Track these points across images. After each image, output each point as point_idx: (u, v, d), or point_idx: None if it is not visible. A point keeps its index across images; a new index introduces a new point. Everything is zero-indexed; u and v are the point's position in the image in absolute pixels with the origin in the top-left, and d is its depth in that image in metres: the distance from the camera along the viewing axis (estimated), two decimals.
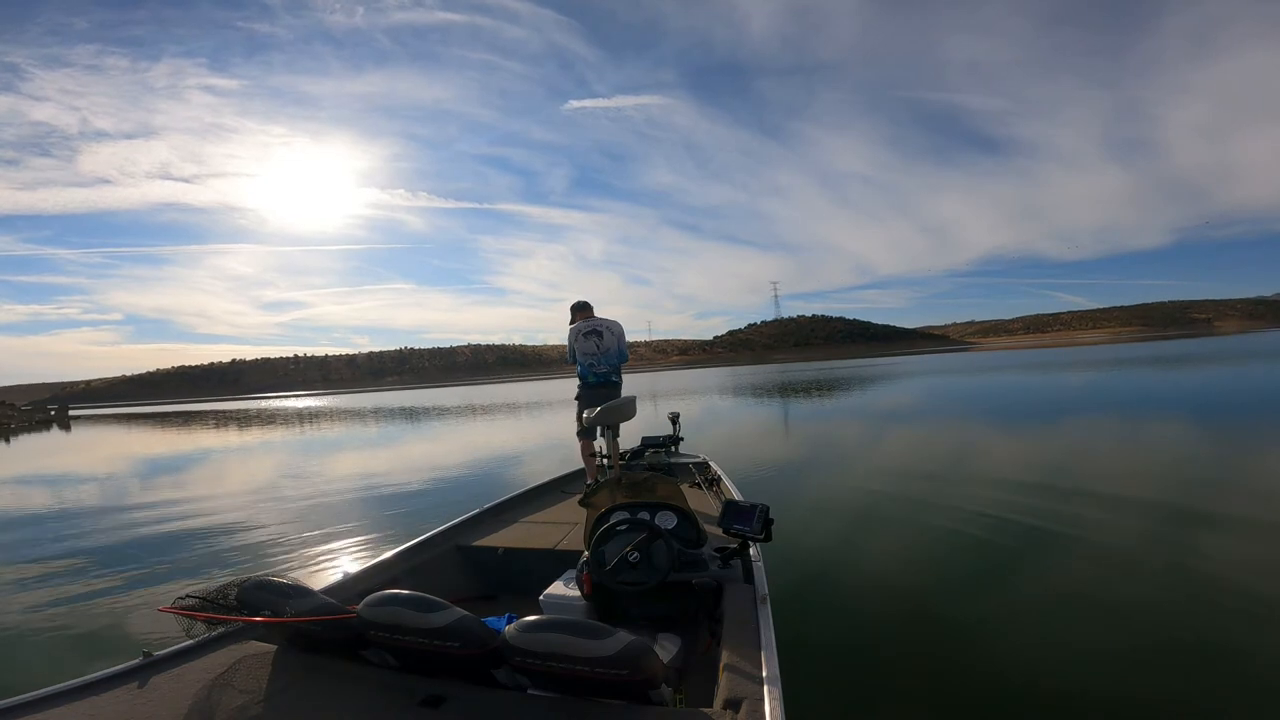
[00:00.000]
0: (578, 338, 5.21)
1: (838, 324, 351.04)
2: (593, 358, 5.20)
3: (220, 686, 1.85)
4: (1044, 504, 6.44)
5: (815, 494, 7.83)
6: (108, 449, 22.39)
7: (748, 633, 2.12)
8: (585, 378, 5.27)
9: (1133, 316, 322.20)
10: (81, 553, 6.81)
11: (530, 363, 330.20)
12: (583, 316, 5.33)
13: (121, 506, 9.68)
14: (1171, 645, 3.44)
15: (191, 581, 5.39)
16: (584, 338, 5.18)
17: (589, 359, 5.21)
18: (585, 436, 5.17)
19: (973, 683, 3.20)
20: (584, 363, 5.23)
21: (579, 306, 5.39)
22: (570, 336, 5.27)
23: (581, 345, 5.20)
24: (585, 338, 5.18)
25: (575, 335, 5.23)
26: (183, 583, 5.40)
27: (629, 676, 1.67)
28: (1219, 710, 2.87)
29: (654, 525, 2.71)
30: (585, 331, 5.19)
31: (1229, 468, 7.81)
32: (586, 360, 5.21)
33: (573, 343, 5.25)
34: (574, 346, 5.24)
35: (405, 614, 1.83)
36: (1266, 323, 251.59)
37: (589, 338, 5.19)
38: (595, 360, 5.22)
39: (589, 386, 5.25)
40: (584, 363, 5.23)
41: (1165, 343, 78.02)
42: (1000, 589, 4.44)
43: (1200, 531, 5.33)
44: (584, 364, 5.24)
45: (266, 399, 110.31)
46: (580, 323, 5.28)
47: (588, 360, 5.21)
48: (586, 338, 5.18)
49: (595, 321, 5.26)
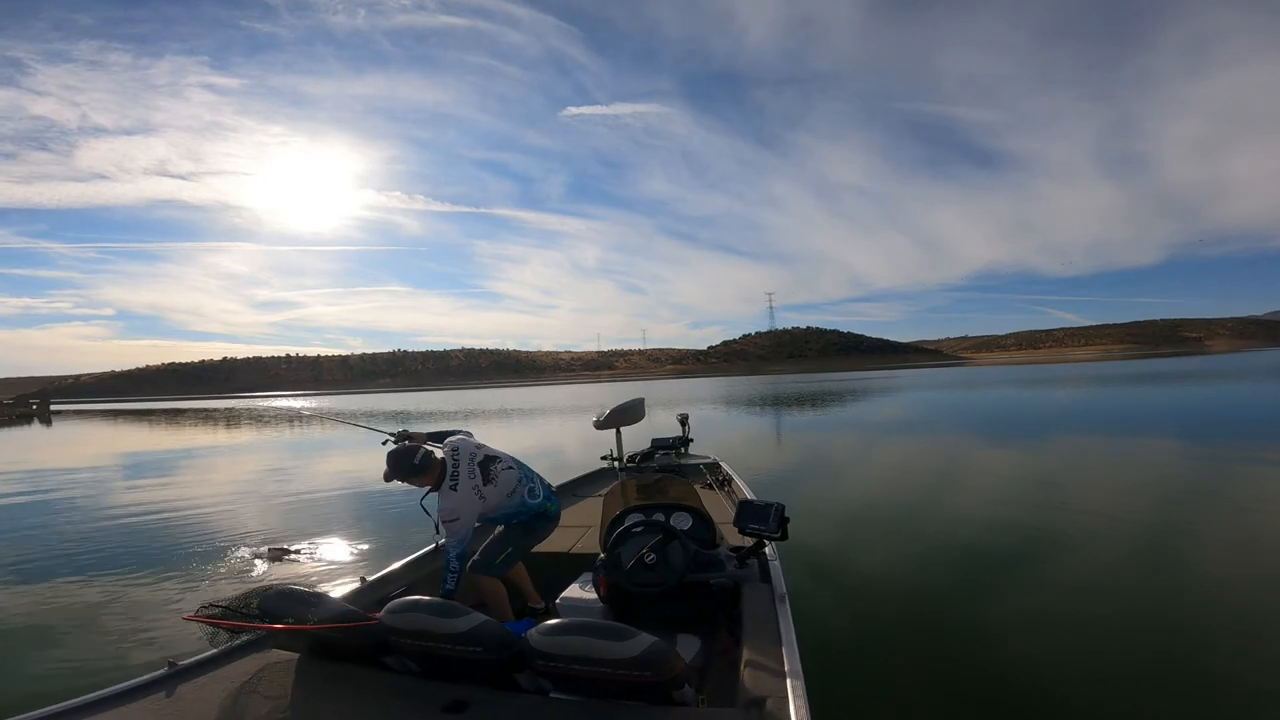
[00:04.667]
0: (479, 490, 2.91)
1: (832, 336, 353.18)
2: (523, 484, 3.11)
3: (244, 695, 1.86)
4: (1050, 510, 6.50)
5: (827, 496, 7.90)
6: (84, 447, 22.12)
7: (768, 631, 2.12)
8: (541, 511, 3.17)
9: (1124, 334, 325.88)
10: (78, 556, 6.69)
11: (524, 368, 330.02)
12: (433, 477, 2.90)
13: (113, 505, 9.54)
14: (1169, 648, 3.46)
15: (195, 587, 5.30)
16: (484, 480, 2.95)
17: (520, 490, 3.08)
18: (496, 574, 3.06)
19: (994, 678, 3.21)
20: (521, 499, 3.08)
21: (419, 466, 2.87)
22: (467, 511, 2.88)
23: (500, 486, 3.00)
24: (486, 475, 2.97)
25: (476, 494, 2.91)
26: (192, 590, 5.30)
27: (652, 677, 1.67)
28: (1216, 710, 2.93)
29: (669, 526, 2.69)
30: (480, 462, 2.99)
31: (1214, 481, 7.94)
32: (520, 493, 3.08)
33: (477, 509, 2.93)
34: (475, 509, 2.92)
35: (428, 620, 1.84)
36: (1257, 342, 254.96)
37: (491, 468, 3.00)
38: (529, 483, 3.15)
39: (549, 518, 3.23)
40: (521, 499, 3.08)
41: (1155, 361, 79.05)
42: (1018, 587, 4.50)
43: (1198, 541, 5.40)
44: (523, 501, 3.09)
45: (256, 398, 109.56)
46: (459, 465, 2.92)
47: (520, 492, 3.08)
48: (487, 472, 2.98)
49: (459, 450, 2.99)
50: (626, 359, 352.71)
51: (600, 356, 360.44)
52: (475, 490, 2.90)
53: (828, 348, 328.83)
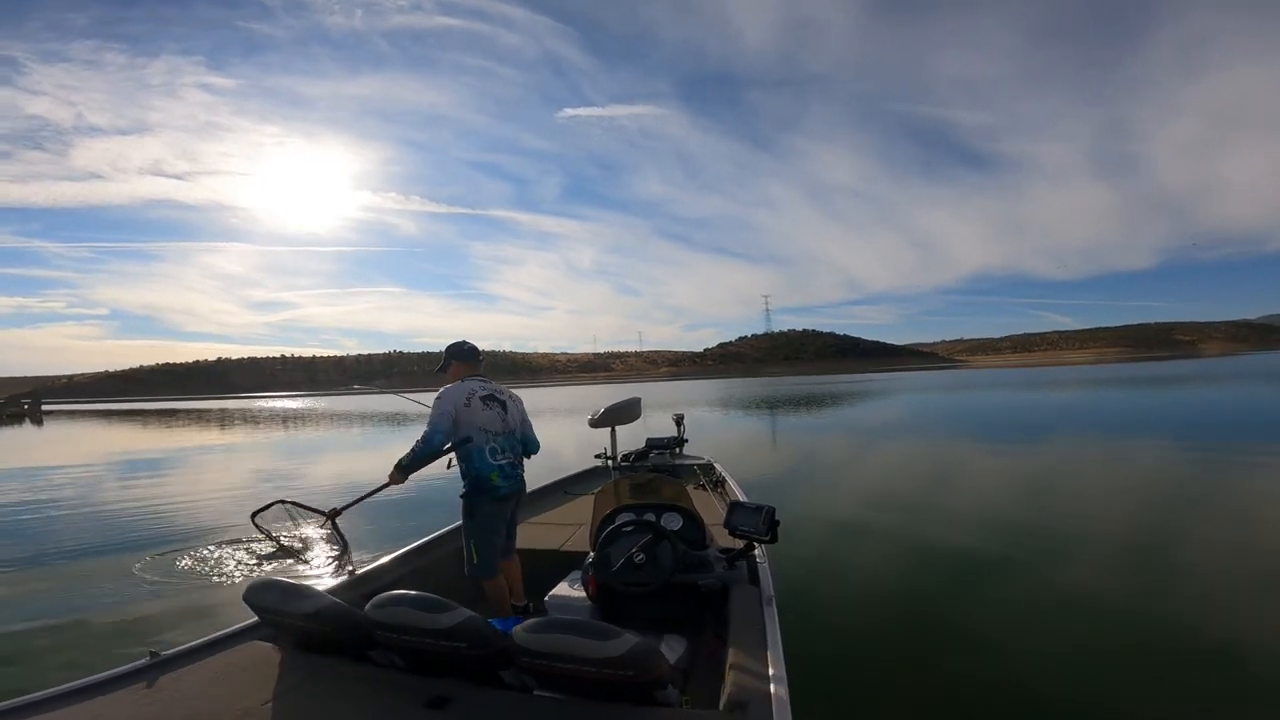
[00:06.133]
0: (470, 401, 3.14)
1: (828, 339, 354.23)
2: (497, 439, 3.16)
3: (227, 687, 1.84)
4: (1039, 515, 6.53)
5: (820, 498, 7.90)
6: (73, 446, 21.97)
7: (754, 634, 2.11)
8: (485, 477, 3.11)
9: (1118, 337, 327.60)
10: (56, 549, 6.63)
11: (519, 370, 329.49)
12: (468, 370, 3.32)
13: (105, 504, 9.47)
14: (1159, 653, 3.48)
15: (195, 581, 5.29)
16: (483, 404, 3.18)
17: (491, 441, 3.14)
18: (484, 575, 3.14)
19: (979, 684, 3.21)
20: (482, 446, 3.12)
21: (463, 353, 3.35)
22: (449, 401, 3.12)
23: (478, 415, 3.14)
24: (485, 404, 3.19)
25: (464, 398, 3.14)
26: (173, 582, 5.28)
27: (635, 677, 1.66)
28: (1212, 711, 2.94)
29: (659, 526, 2.69)
30: (484, 395, 3.21)
31: (1204, 485, 8.01)
32: (488, 443, 3.13)
33: (456, 408, 3.11)
34: (457, 416, 3.10)
35: (412, 614, 1.83)
36: (1250, 345, 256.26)
37: (490, 404, 3.20)
38: (500, 444, 3.17)
39: (497, 498, 3.14)
40: (482, 446, 3.12)
41: (1148, 364, 79.58)
42: (1005, 593, 4.50)
43: (1189, 545, 5.42)
44: (481, 450, 3.11)
45: (251, 399, 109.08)
46: (469, 381, 3.24)
47: (490, 443, 3.13)
48: (487, 404, 3.19)
49: (490, 384, 3.30)
50: (622, 361, 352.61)
51: (596, 358, 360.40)
52: (468, 395, 3.18)
53: (823, 350, 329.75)
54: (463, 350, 3.34)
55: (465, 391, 3.16)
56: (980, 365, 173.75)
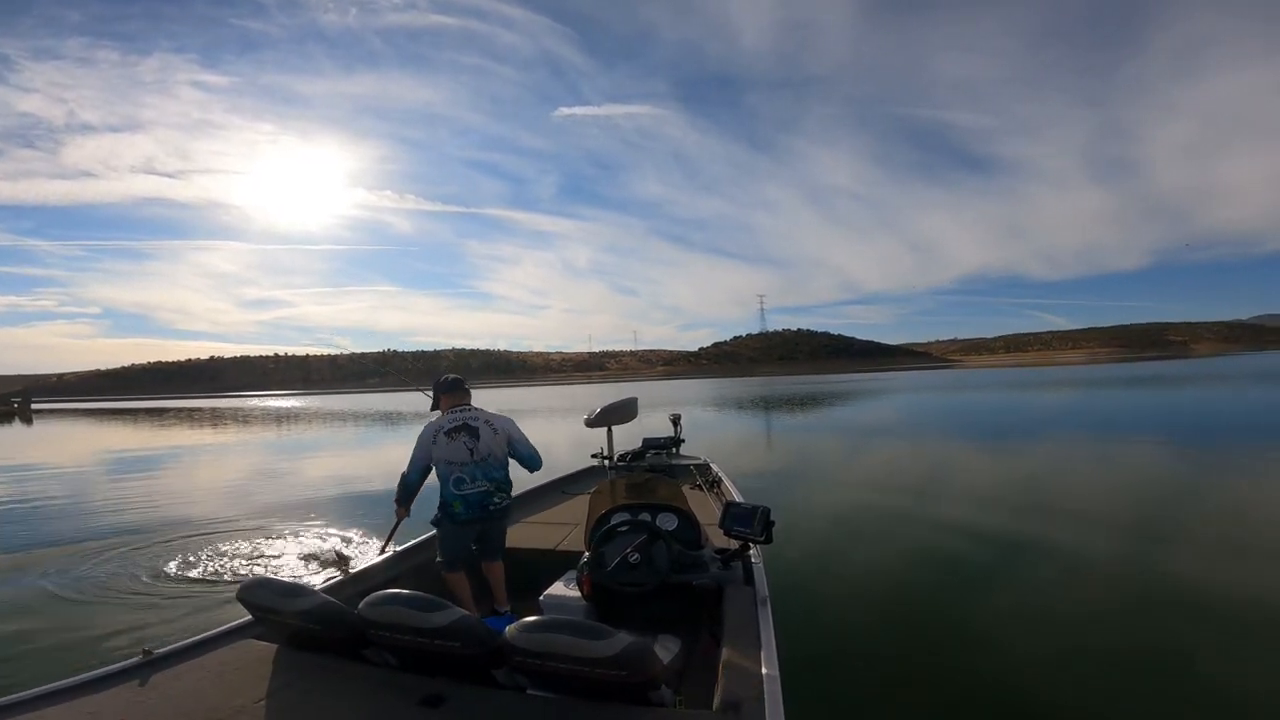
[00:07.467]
0: (436, 438, 3.29)
1: (822, 339, 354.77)
2: (464, 469, 3.25)
3: (220, 685, 1.84)
4: (1033, 514, 6.56)
5: (815, 498, 7.93)
6: (61, 445, 21.78)
7: (748, 635, 2.12)
8: (448, 504, 3.26)
9: (1110, 338, 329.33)
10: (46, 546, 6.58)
11: (515, 369, 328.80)
12: (454, 401, 3.45)
13: (94, 503, 9.39)
14: (1152, 653, 3.49)
15: (188, 579, 5.26)
16: (448, 438, 3.28)
17: (457, 471, 3.25)
18: (444, 569, 3.29)
19: (972, 684, 3.23)
20: (447, 477, 3.27)
21: (446, 386, 3.49)
22: (422, 442, 3.34)
23: (443, 450, 3.27)
24: (450, 437, 3.28)
25: (432, 436, 3.31)
26: (178, 580, 5.27)
27: (629, 678, 1.67)
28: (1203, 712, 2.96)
29: (655, 526, 2.70)
30: (450, 429, 3.30)
31: (1196, 483, 8.06)
32: (453, 474, 3.25)
33: (426, 447, 3.32)
34: (430, 453, 3.31)
35: (406, 613, 1.83)
36: (1241, 345, 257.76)
37: (455, 436, 3.28)
38: (469, 473, 3.26)
39: (456, 522, 3.26)
40: (447, 477, 3.27)
41: (1140, 364, 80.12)
42: (997, 592, 4.52)
43: (1182, 543, 5.47)
44: (445, 481, 3.28)
45: (243, 398, 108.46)
46: (448, 414, 3.39)
47: (455, 474, 3.25)
48: (452, 436, 3.28)
49: (468, 412, 3.39)
50: (618, 360, 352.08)
51: (591, 357, 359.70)
52: (435, 432, 3.35)
53: (818, 350, 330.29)
54: (446, 383, 3.52)
55: (434, 429, 3.37)
56: (973, 365, 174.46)
